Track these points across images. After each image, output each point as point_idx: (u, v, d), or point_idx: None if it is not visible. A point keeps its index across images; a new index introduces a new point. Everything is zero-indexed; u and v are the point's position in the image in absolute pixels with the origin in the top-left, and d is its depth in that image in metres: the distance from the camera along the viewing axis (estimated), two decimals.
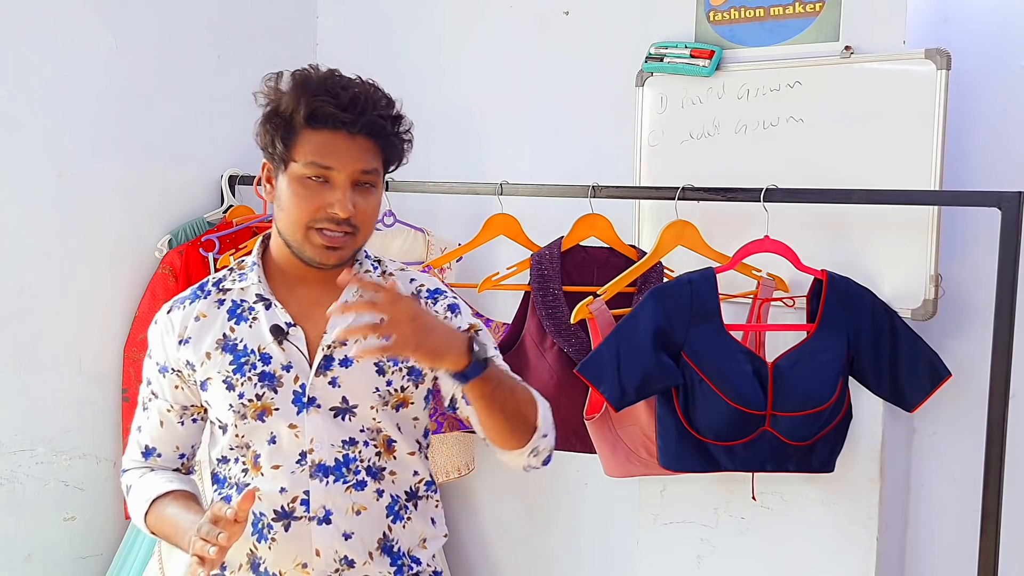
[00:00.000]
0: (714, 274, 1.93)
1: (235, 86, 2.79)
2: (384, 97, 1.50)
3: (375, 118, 1.46)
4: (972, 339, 2.01)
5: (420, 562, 1.59)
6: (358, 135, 1.46)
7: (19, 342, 2.38)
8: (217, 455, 1.59)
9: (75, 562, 2.53)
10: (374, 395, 1.52)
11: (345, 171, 1.46)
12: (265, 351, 1.52)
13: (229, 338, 1.54)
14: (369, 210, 1.50)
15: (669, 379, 1.91)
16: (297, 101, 1.45)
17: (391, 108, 1.50)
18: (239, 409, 1.52)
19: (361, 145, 1.47)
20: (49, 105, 2.39)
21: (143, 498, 1.56)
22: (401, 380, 1.55)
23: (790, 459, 1.95)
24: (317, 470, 1.51)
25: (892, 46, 2.02)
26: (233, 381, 1.52)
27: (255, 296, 1.55)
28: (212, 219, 2.70)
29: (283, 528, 1.51)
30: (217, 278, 1.61)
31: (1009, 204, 1.73)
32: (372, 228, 1.53)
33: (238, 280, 1.58)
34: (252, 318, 1.54)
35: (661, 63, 2.27)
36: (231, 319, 1.55)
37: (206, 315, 1.57)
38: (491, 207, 2.28)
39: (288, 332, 1.52)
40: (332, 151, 1.45)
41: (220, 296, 1.58)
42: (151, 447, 1.63)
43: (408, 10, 2.81)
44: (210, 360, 1.54)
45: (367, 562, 1.53)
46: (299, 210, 1.46)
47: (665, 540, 2.28)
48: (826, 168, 2.08)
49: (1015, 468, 1.85)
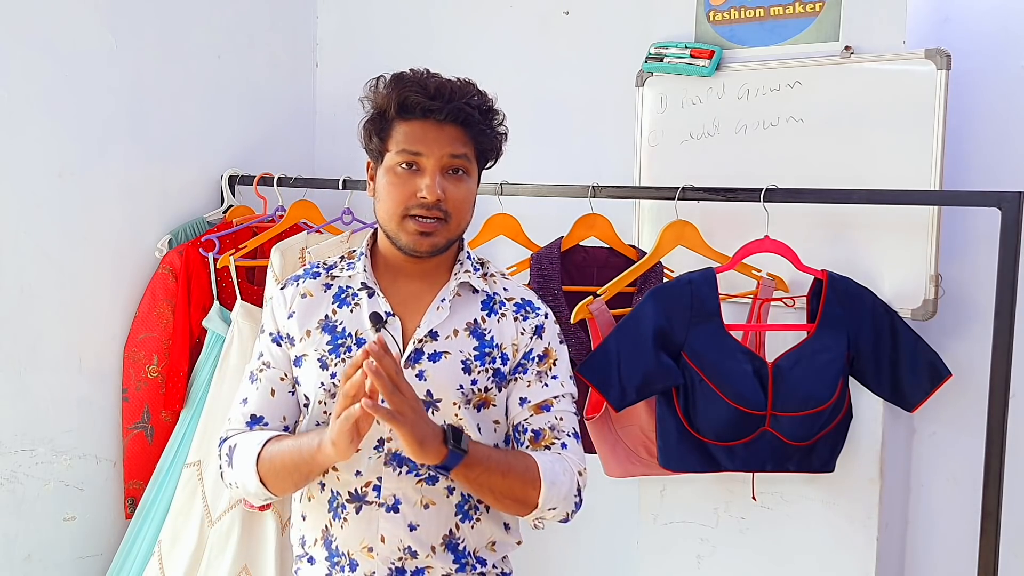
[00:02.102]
0: (714, 274, 1.93)
1: (235, 86, 2.79)
2: (476, 90, 1.56)
3: (462, 106, 1.51)
4: (972, 339, 2.01)
5: (485, 563, 1.60)
6: (446, 123, 1.51)
7: (19, 342, 2.37)
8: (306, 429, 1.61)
9: (75, 562, 2.53)
10: (458, 392, 1.55)
11: (433, 156, 1.51)
12: (362, 336, 1.56)
13: (330, 319, 1.59)
14: (460, 197, 1.53)
15: (669, 379, 1.91)
16: (390, 95, 1.53)
17: (483, 100, 1.56)
18: (330, 388, 1.55)
19: (449, 132, 1.52)
20: (49, 105, 2.38)
21: (255, 442, 1.56)
22: (486, 380, 1.57)
23: (790, 459, 1.95)
24: (392, 458, 1.53)
25: (892, 46, 2.02)
26: (328, 361, 1.56)
27: (360, 284, 1.60)
28: (212, 219, 2.70)
29: (355, 510, 1.54)
30: (329, 263, 1.66)
31: (1009, 204, 1.73)
32: (466, 217, 1.57)
33: (346, 268, 1.63)
34: (355, 304, 1.59)
35: (661, 63, 2.27)
36: (335, 302, 1.60)
37: (312, 294, 1.62)
38: (491, 207, 2.27)
39: (386, 321, 1.56)
40: (421, 138, 1.51)
41: (328, 280, 1.63)
42: (258, 415, 1.62)
43: (408, 10, 2.81)
44: (309, 338, 1.59)
45: (429, 555, 1.55)
46: (392, 198, 1.53)
47: (665, 540, 2.29)
48: (826, 168, 2.09)
49: (1015, 468, 1.85)
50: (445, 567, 1.56)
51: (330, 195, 2.62)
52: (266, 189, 2.69)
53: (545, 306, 1.66)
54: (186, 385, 2.56)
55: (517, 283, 1.68)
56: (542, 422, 1.58)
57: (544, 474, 1.51)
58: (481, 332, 1.58)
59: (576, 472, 1.56)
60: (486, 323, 1.59)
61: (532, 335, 1.60)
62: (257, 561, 2.39)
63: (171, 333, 2.54)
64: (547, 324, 1.63)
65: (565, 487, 1.53)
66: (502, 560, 1.64)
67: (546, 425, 1.57)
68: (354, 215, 2.57)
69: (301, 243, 2.44)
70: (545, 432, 1.57)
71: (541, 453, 1.55)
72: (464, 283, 1.60)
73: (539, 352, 1.60)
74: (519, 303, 1.63)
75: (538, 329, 1.61)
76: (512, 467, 1.51)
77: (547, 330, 1.62)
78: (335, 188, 2.56)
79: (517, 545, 1.66)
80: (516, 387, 1.59)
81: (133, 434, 2.57)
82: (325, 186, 2.61)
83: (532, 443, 1.57)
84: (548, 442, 1.57)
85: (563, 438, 1.58)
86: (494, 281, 1.65)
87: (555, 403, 1.59)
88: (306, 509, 1.61)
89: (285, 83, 2.94)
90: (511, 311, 1.61)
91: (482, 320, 1.59)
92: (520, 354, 1.59)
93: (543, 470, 1.51)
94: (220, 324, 2.51)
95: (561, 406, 1.59)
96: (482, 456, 1.47)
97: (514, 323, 1.60)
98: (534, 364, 1.59)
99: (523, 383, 1.59)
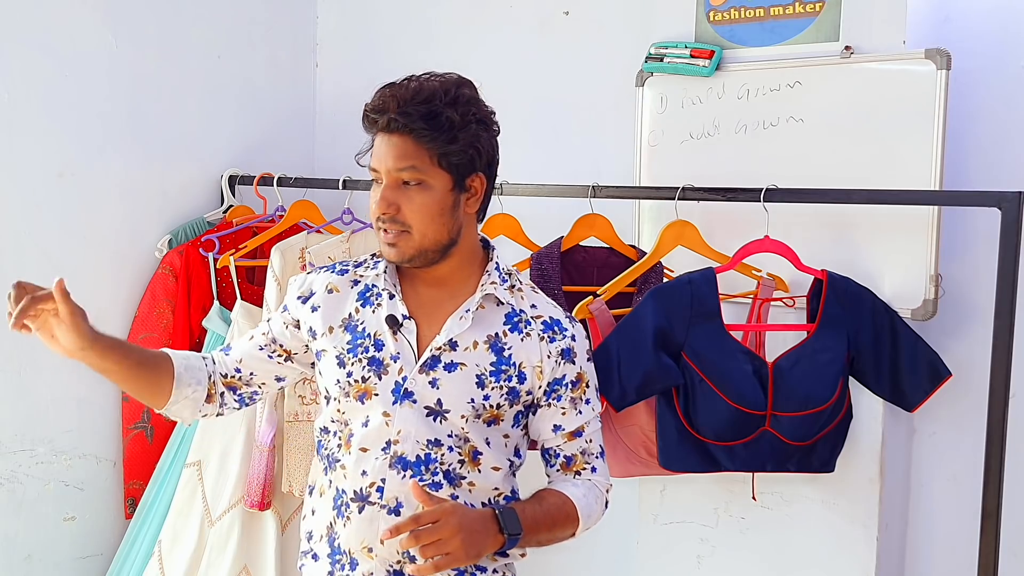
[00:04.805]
0: (714, 274, 1.93)
1: (235, 86, 2.79)
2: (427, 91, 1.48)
3: (396, 116, 1.48)
4: (972, 339, 2.01)
5: (486, 571, 1.60)
6: (392, 134, 1.50)
7: (19, 342, 2.36)
8: (320, 425, 1.64)
9: (75, 562, 2.53)
10: (468, 405, 1.55)
11: (383, 170, 1.52)
12: (380, 338, 1.57)
13: (353, 318, 1.60)
14: (414, 208, 1.51)
15: (669, 379, 1.91)
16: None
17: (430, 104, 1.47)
18: (345, 387, 1.57)
19: (396, 144, 1.50)
20: (49, 105, 2.39)
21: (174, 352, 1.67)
22: (499, 397, 1.57)
23: (790, 459, 1.95)
24: (397, 461, 1.54)
25: (892, 46, 2.02)
26: (345, 359, 1.57)
27: (383, 285, 1.61)
28: (212, 219, 2.70)
29: (357, 510, 1.55)
30: (359, 261, 1.67)
31: (1009, 204, 1.73)
32: (431, 227, 1.52)
33: (372, 267, 1.64)
34: (377, 304, 1.60)
35: (661, 63, 2.27)
36: (359, 300, 1.61)
37: (339, 290, 1.63)
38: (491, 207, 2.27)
39: (402, 324, 1.56)
40: (376, 154, 1.53)
41: (356, 277, 1.64)
42: (230, 344, 1.73)
43: (408, 10, 2.81)
44: (331, 334, 1.60)
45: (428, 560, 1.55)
46: (369, 212, 1.56)
47: (665, 540, 2.28)
48: (826, 168, 2.09)
49: (1015, 468, 1.85)
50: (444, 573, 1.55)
51: (330, 195, 2.62)
52: (266, 189, 2.69)
53: (573, 324, 1.64)
54: None
55: (545, 298, 1.66)
56: (574, 448, 1.63)
57: (580, 511, 1.58)
58: (500, 347, 1.56)
59: (604, 491, 1.65)
60: (507, 338, 1.57)
61: (560, 359, 1.59)
62: (257, 561, 2.39)
63: (171, 333, 2.54)
64: (576, 346, 1.62)
65: (596, 514, 1.62)
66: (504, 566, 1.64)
67: (578, 451, 1.63)
68: (354, 215, 2.57)
69: (301, 243, 2.44)
70: (576, 458, 1.64)
71: (574, 485, 1.61)
72: (489, 295, 1.58)
73: (572, 378, 1.60)
74: (547, 322, 1.60)
75: (566, 353, 1.60)
76: (555, 520, 1.56)
77: (577, 353, 1.62)
78: (335, 188, 2.56)
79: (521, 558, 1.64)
80: (549, 413, 1.61)
81: (133, 434, 2.57)
82: (325, 186, 2.61)
83: (563, 468, 1.64)
84: (579, 468, 1.64)
85: (592, 461, 1.65)
86: (521, 295, 1.62)
87: (586, 428, 1.63)
88: (316, 504, 1.63)
89: (285, 83, 2.94)
90: (537, 330, 1.59)
91: (504, 335, 1.57)
92: (547, 378, 1.58)
93: (579, 507, 1.58)
94: (220, 324, 2.51)
95: (592, 428, 1.64)
96: (531, 524, 1.51)
97: (539, 344, 1.58)
98: (567, 391, 1.60)
99: (557, 410, 1.60)
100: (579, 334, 1.64)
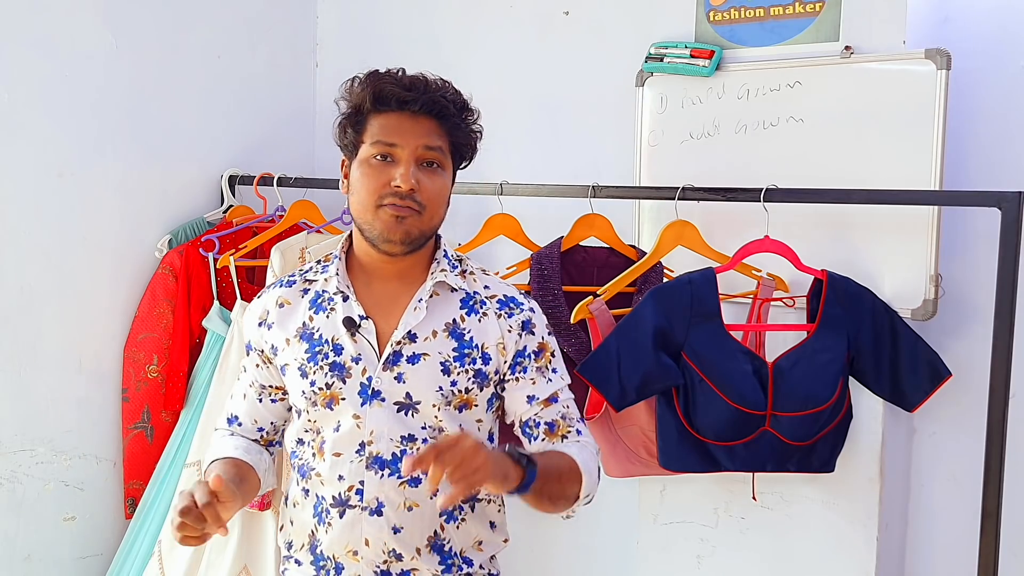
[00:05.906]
0: (714, 274, 1.93)
1: (235, 86, 2.79)
2: (451, 87, 1.56)
3: (437, 98, 1.51)
4: (972, 339, 2.01)
5: (472, 563, 1.60)
6: (421, 115, 1.51)
7: (19, 342, 2.38)
8: (293, 437, 1.63)
9: (75, 562, 2.53)
10: (437, 394, 1.54)
11: (408, 147, 1.50)
12: (338, 342, 1.55)
13: (308, 327, 1.58)
14: (434, 189, 1.52)
15: (669, 379, 1.91)
16: (365, 89, 1.53)
17: (458, 96, 1.55)
18: (311, 396, 1.56)
19: (424, 124, 1.51)
20: (49, 105, 2.38)
21: (209, 457, 1.65)
22: (466, 382, 1.56)
23: (790, 459, 1.95)
24: (373, 462, 1.53)
25: (892, 46, 2.02)
26: (307, 369, 1.56)
27: (335, 288, 1.59)
28: (212, 219, 2.70)
29: (338, 515, 1.54)
30: (305, 268, 1.66)
31: (1009, 204, 1.73)
32: (440, 211, 1.55)
33: (321, 272, 1.62)
34: (330, 309, 1.58)
35: (661, 63, 2.27)
36: (311, 308, 1.59)
37: (290, 302, 1.62)
38: (491, 207, 2.28)
39: (360, 325, 1.55)
40: (396, 129, 1.51)
41: (305, 285, 1.63)
42: (235, 415, 1.69)
43: (408, 10, 2.81)
44: (289, 346, 1.59)
45: (415, 557, 1.55)
46: (366, 189, 1.51)
47: (665, 540, 2.29)
48: (826, 168, 2.09)
49: (1015, 468, 1.85)
50: (431, 568, 1.55)
51: (330, 195, 2.61)
52: (266, 189, 2.69)
53: (529, 300, 1.64)
54: (186, 385, 2.56)
55: (497, 279, 1.66)
56: (553, 414, 1.59)
57: (581, 465, 1.53)
58: (460, 333, 1.56)
59: (595, 452, 1.60)
60: (466, 323, 1.57)
61: (521, 331, 1.59)
62: (257, 561, 2.39)
63: (171, 333, 2.54)
64: (534, 318, 1.61)
65: (595, 472, 1.57)
66: (489, 560, 1.64)
67: (558, 416, 1.59)
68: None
69: (301, 243, 2.44)
70: (558, 423, 1.59)
71: (565, 445, 1.57)
72: (441, 282, 1.57)
73: (534, 348, 1.59)
74: (502, 300, 1.60)
75: (526, 325, 1.59)
76: (560, 470, 1.51)
77: (536, 324, 1.61)
78: (335, 188, 2.53)
79: (504, 544, 1.65)
80: (519, 386, 1.59)
81: (133, 434, 2.57)
82: (325, 186, 2.61)
83: (548, 435, 1.58)
84: (564, 431, 1.59)
85: (576, 425, 1.61)
86: (474, 279, 1.62)
87: (560, 394, 1.60)
88: (293, 514, 1.62)
89: (285, 83, 2.94)
90: (494, 309, 1.59)
91: (461, 320, 1.57)
92: (511, 353, 1.58)
93: (579, 461, 1.53)
94: (220, 324, 2.51)
95: (565, 395, 1.61)
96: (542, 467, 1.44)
97: (498, 321, 1.57)
98: (531, 361, 1.59)
99: (525, 381, 1.58)
100: (536, 309, 1.63)
